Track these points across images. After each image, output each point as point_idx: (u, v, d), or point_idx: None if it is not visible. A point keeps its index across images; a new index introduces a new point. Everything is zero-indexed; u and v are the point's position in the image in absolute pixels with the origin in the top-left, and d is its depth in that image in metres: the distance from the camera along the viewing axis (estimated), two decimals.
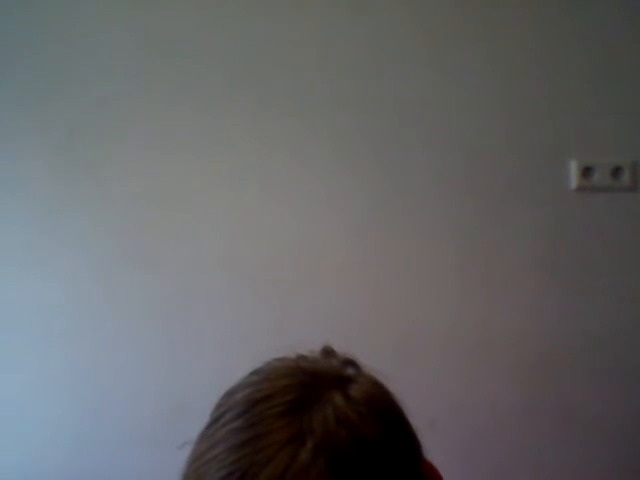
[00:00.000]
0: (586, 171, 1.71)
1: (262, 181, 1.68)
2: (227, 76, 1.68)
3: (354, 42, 1.70)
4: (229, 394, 0.61)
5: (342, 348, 0.68)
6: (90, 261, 1.66)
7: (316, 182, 1.69)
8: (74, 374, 1.64)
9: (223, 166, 1.68)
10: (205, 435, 0.58)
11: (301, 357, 0.65)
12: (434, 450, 0.88)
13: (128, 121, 1.67)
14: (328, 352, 0.66)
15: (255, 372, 0.63)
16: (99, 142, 1.67)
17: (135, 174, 1.67)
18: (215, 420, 0.58)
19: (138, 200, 1.67)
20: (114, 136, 1.67)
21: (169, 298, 1.66)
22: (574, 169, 1.71)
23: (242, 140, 1.68)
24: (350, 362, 0.65)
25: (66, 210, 1.66)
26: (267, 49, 1.68)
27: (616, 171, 1.71)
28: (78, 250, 1.66)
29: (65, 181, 1.66)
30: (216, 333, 1.65)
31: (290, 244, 1.68)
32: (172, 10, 1.68)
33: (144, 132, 1.67)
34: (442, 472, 0.89)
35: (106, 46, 1.67)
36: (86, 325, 1.65)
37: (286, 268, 1.68)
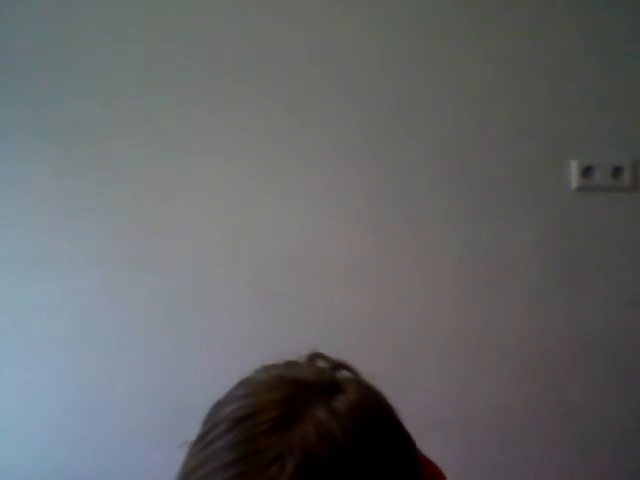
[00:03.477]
0: (586, 171, 1.71)
1: (263, 181, 1.68)
2: (228, 75, 1.68)
3: (354, 42, 1.69)
4: (216, 408, 0.60)
5: (342, 349, 0.68)
6: (90, 261, 1.65)
7: (316, 182, 1.69)
8: (74, 374, 1.64)
9: (223, 166, 1.68)
10: (194, 451, 0.58)
11: (289, 364, 0.64)
12: (436, 450, 0.88)
13: (129, 121, 1.67)
14: (317, 357, 0.64)
15: (242, 383, 0.62)
16: (101, 142, 1.66)
17: (136, 174, 1.67)
18: (203, 436, 0.58)
19: (139, 201, 1.66)
20: (116, 136, 1.67)
21: (170, 299, 1.66)
22: (574, 169, 1.71)
23: (243, 140, 1.68)
24: (340, 366, 0.63)
25: (67, 210, 1.66)
26: (268, 49, 1.68)
27: (616, 171, 1.71)
28: (78, 250, 1.65)
29: (66, 181, 1.66)
30: (216, 334, 1.65)
31: (290, 245, 1.68)
32: (172, 10, 1.68)
33: (145, 132, 1.67)
34: (444, 472, 0.89)
35: (107, 46, 1.67)
36: (86, 325, 1.65)
37: (287, 269, 1.67)
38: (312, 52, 1.69)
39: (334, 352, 0.70)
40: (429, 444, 0.87)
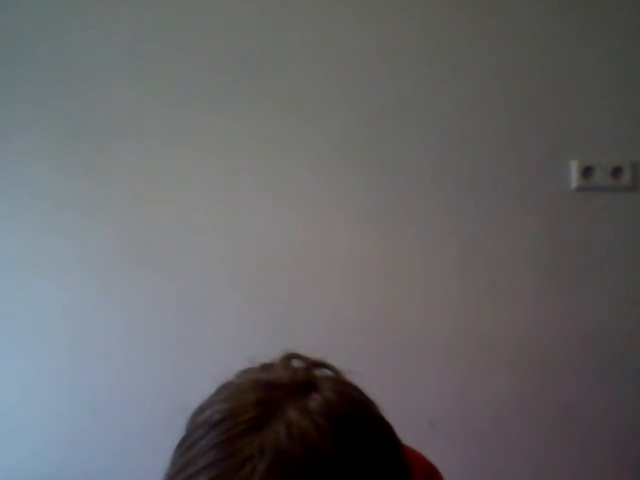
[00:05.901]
0: (586, 171, 1.71)
1: (262, 180, 1.68)
2: (226, 75, 1.68)
3: (355, 41, 1.69)
4: (196, 413, 0.61)
5: (343, 349, 0.68)
6: (91, 261, 1.65)
7: (316, 182, 1.69)
8: (74, 375, 1.64)
9: (223, 165, 1.68)
10: (176, 455, 0.59)
11: (264, 367, 0.64)
12: (436, 450, 0.88)
13: (129, 120, 1.67)
14: (292, 357, 0.64)
15: (219, 388, 0.63)
16: (100, 141, 1.66)
17: (136, 174, 1.67)
18: (183, 441, 0.59)
19: (139, 200, 1.67)
20: (116, 136, 1.67)
21: (171, 299, 1.66)
22: (574, 169, 1.71)
23: (242, 139, 1.68)
24: (317, 365, 0.64)
25: (67, 210, 1.66)
26: (268, 49, 1.68)
27: (616, 171, 1.71)
28: (79, 250, 1.65)
29: (66, 180, 1.66)
30: (218, 334, 1.65)
31: (291, 245, 1.68)
32: (172, 8, 1.68)
33: (144, 131, 1.67)
34: (442, 472, 0.89)
35: (106, 45, 1.67)
36: (87, 325, 1.65)
37: (287, 269, 1.67)
38: (313, 53, 1.69)
39: (335, 352, 0.70)
40: (429, 444, 0.87)
